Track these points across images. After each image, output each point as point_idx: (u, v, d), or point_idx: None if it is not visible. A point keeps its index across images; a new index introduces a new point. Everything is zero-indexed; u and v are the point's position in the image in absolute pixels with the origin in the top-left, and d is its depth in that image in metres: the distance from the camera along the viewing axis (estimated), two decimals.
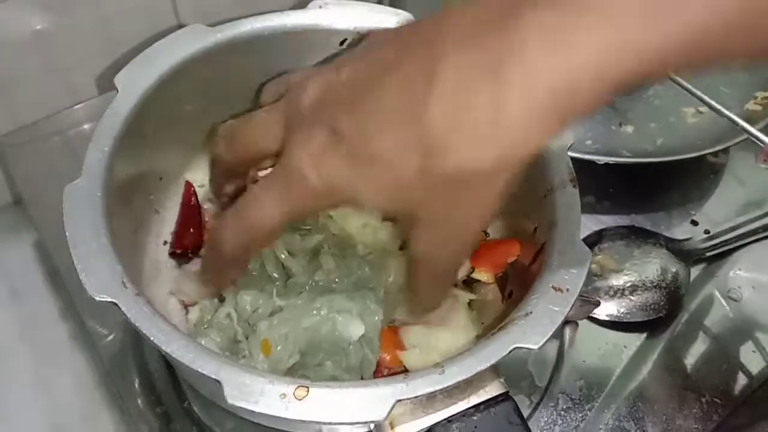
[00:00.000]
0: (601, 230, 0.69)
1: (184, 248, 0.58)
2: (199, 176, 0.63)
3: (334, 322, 0.50)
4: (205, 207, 0.61)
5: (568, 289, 0.45)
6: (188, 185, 0.61)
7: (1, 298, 0.66)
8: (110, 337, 0.60)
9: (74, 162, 0.48)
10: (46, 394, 0.62)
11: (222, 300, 0.53)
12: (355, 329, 0.50)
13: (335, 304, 0.50)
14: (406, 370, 0.52)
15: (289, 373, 0.49)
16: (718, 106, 0.70)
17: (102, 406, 0.61)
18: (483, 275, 0.59)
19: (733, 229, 0.70)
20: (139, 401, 0.58)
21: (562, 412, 0.60)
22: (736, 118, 0.71)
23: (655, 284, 0.65)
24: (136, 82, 0.52)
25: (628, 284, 0.65)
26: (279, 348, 0.48)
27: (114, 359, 0.59)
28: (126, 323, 0.59)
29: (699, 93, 0.70)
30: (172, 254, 0.58)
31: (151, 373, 0.59)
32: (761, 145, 0.69)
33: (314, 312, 0.50)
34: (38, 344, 0.64)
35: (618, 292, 0.65)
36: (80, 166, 0.47)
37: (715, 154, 0.74)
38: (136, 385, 0.58)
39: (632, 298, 0.65)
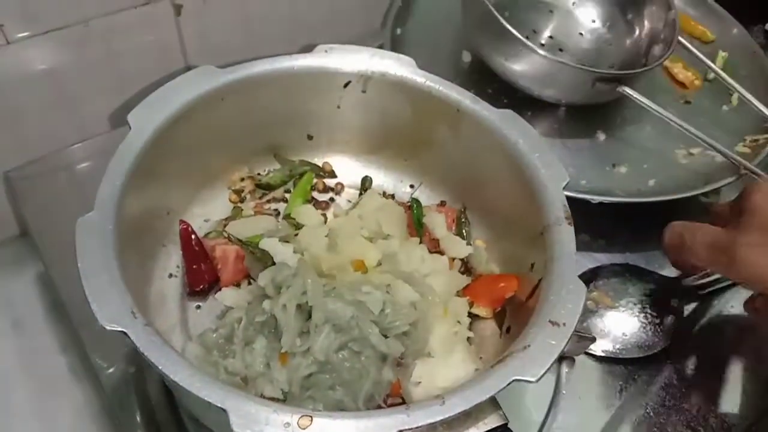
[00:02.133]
0: (596, 267, 0.70)
1: (200, 287, 0.60)
2: (204, 211, 0.65)
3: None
4: (210, 242, 0.62)
5: (564, 324, 0.47)
6: (183, 227, 0.62)
7: (4, 329, 0.67)
8: (112, 369, 0.61)
9: (81, 196, 0.50)
10: (47, 425, 0.62)
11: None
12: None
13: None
14: (403, 402, 0.53)
15: (303, 386, 0.50)
16: (718, 145, 0.73)
17: None
18: (482, 310, 0.60)
19: None
20: None
21: None
22: (735, 156, 0.73)
23: (649, 321, 0.66)
24: (148, 120, 0.54)
25: (624, 321, 0.66)
26: (296, 358, 0.49)
27: (116, 391, 0.60)
28: (129, 355, 0.61)
29: (698, 132, 0.73)
30: (190, 294, 0.60)
31: (152, 405, 0.59)
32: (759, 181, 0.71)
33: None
34: (39, 375, 0.65)
35: (613, 329, 0.66)
36: (87, 200, 0.49)
37: (706, 194, 0.75)
38: (138, 417, 0.59)
39: (627, 334, 0.66)
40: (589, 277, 0.69)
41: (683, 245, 0.58)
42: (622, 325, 0.66)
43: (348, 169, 0.70)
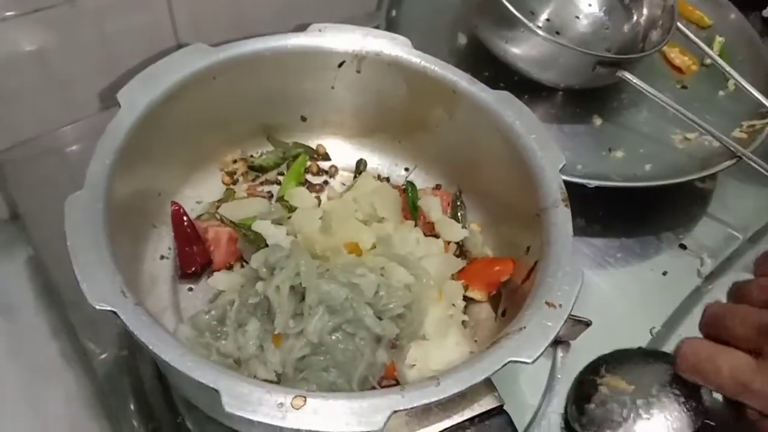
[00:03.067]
0: (609, 355, 0.63)
1: (192, 269, 0.59)
2: (196, 193, 0.64)
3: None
4: (203, 224, 0.61)
5: (561, 305, 0.46)
6: (175, 208, 0.61)
7: None
8: (104, 354, 0.60)
9: (72, 178, 0.49)
10: (38, 411, 0.61)
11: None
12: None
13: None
14: (397, 384, 0.52)
15: (297, 368, 0.49)
16: (715, 131, 0.73)
17: (94, 422, 0.60)
18: (477, 294, 0.60)
19: None
20: (132, 417, 0.57)
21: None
22: (731, 141, 0.73)
23: (668, 405, 0.58)
24: (138, 98, 0.53)
25: (645, 407, 0.58)
26: (290, 340, 0.49)
27: (108, 375, 0.59)
28: (121, 339, 0.60)
29: (695, 118, 0.73)
30: (182, 276, 0.59)
31: (145, 390, 0.58)
32: (756, 167, 0.71)
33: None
34: (29, 361, 0.64)
35: (630, 414, 0.58)
36: (78, 182, 0.48)
37: (702, 179, 0.75)
38: (130, 401, 0.58)
39: (646, 417, 0.58)
40: (605, 360, 0.63)
41: (705, 369, 0.52)
42: (638, 409, 0.58)
43: (342, 151, 0.69)
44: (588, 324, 0.62)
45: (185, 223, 0.60)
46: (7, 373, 0.63)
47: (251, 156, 0.67)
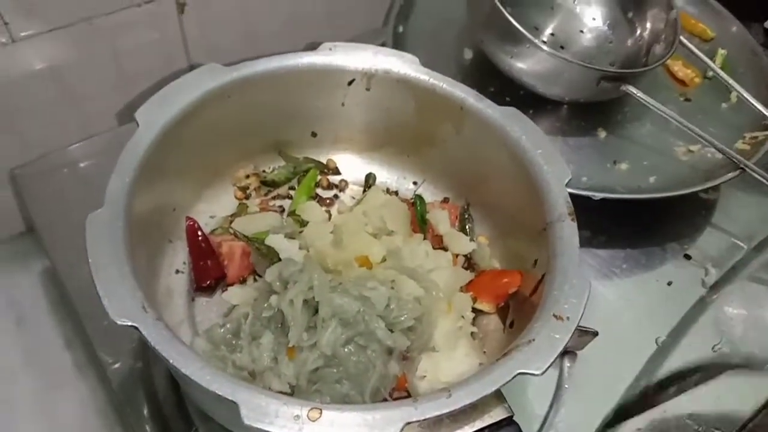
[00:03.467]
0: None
1: (207, 283, 0.60)
2: (210, 208, 0.65)
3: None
4: (216, 238, 0.63)
5: (568, 318, 0.47)
6: (190, 223, 0.62)
7: (8, 325, 0.67)
8: (119, 364, 0.61)
9: (86, 192, 0.50)
10: (52, 420, 0.62)
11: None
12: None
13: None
14: (408, 395, 0.53)
15: (310, 380, 0.50)
16: (718, 143, 0.74)
17: (108, 431, 0.61)
18: (485, 306, 0.61)
19: None
20: (147, 426, 0.59)
21: None
22: (734, 153, 0.74)
23: None
24: (155, 117, 0.54)
25: None
26: (303, 353, 0.50)
27: (123, 385, 0.60)
28: (136, 350, 0.62)
29: (698, 130, 0.74)
30: (197, 290, 0.60)
31: (159, 399, 0.59)
32: (759, 178, 0.72)
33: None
34: (43, 371, 0.65)
35: None
36: (92, 197, 0.49)
37: (706, 190, 0.76)
38: (145, 411, 0.59)
39: None
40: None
41: None
42: None
43: (352, 166, 0.71)
44: (594, 334, 0.63)
45: (200, 238, 0.61)
46: (22, 382, 0.64)
47: (263, 171, 0.69)
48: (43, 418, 0.62)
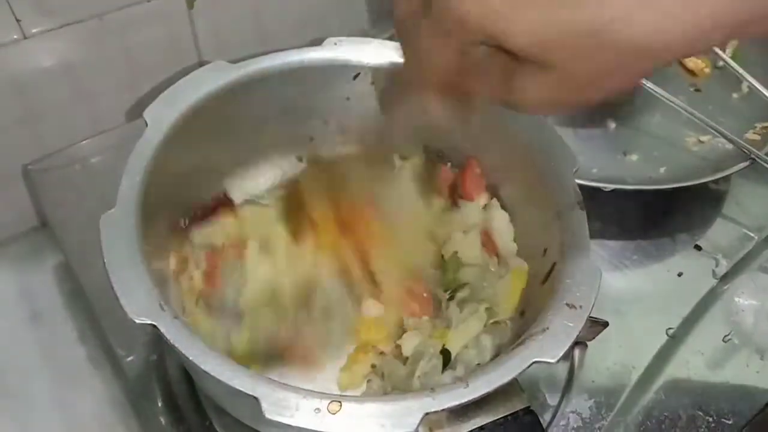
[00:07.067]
0: None
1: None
2: None
3: None
4: None
5: (581, 306, 0.48)
6: None
7: (23, 320, 0.68)
8: (133, 357, 0.62)
9: (98, 187, 0.51)
10: (67, 415, 0.63)
11: None
12: None
13: None
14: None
15: None
16: (729, 134, 0.74)
17: (123, 426, 0.62)
18: None
19: None
20: (162, 420, 0.59)
21: (573, 431, 0.61)
22: (745, 143, 0.74)
23: None
24: (164, 116, 0.54)
25: None
26: None
27: (138, 379, 0.61)
28: (150, 343, 0.62)
29: (709, 121, 0.73)
30: None
31: (174, 393, 0.60)
32: None
33: None
34: (58, 365, 0.66)
35: None
36: (103, 192, 0.50)
37: (716, 181, 0.76)
38: (159, 404, 0.60)
39: None
40: None
41: None
42: None
43: None
44: (605, 325, 0.63)
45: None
46: (36, 377, 0.65)
47: None
48: (60, 411, 0.63)
